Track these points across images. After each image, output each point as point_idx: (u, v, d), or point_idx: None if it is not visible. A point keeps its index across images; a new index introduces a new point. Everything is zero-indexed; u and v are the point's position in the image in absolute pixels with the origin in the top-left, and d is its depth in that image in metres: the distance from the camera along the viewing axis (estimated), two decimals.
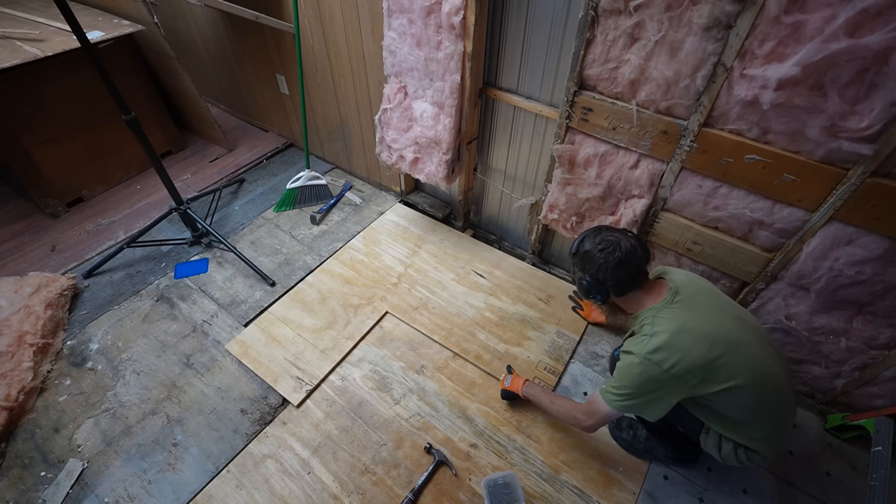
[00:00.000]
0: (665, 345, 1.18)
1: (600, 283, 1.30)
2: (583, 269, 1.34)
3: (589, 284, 1.33)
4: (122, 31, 2.33)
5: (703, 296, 1.29)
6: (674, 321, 1.21)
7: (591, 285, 1.32)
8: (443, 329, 2.00)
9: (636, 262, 1.28)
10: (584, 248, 1.33)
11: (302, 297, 2.13)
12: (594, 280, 1.31)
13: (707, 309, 1.25)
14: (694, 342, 1.18)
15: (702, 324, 1.21)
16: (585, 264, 1.32)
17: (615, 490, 1.55)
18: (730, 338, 1.20)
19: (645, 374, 1.20)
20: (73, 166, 2.51)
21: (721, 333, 1.20)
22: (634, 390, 1.24)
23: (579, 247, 1.35)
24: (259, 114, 3.15)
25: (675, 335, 1.19)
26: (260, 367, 1.85)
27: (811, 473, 1.60)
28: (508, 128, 2.01)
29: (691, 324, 1.20)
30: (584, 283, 1.34)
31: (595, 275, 1.30)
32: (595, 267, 1.29)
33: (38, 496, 1.51)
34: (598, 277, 1.30)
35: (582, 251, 1.33)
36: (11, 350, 1.76)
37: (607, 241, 1.29)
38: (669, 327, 1.20)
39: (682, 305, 1.25)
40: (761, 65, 1.21)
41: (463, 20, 1.63)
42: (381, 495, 1.52)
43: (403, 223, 2.51)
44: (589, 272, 1.31)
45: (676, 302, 1.25)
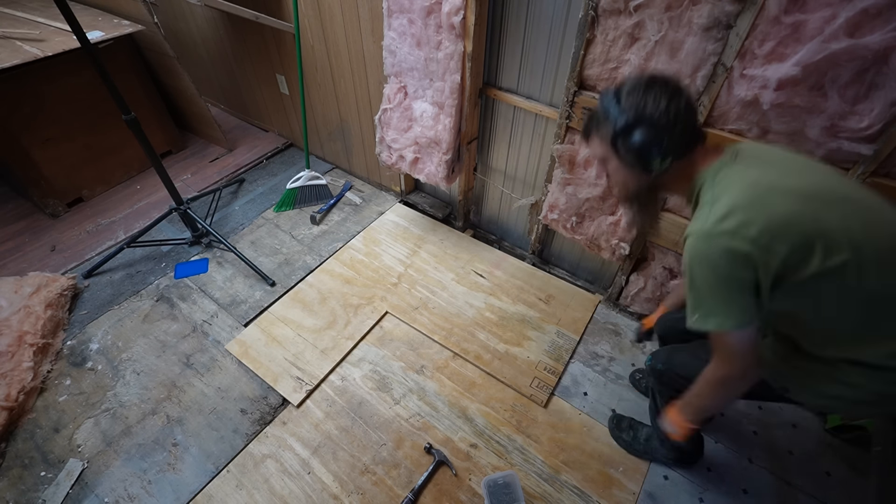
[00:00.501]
0: (736, 206, 0.85)
1: (662, 135, 0.90)
2: (635, 116, 0.91)
3: (644, 140, 0.91)
4: (122, 31, 2.33)
5: (775, 152, 0.96)
6: (743, 177, 0.89)
7: (646, 141, 0.91)
8: (443, 329, 2.00)
9: (695, 110, 0.96)
10: (641, 83, 0.92)
11: (302, 297, 2.13)
12: (653, 130, 0.90)
13: (788, 162, 0.92)
14: (776, 196, 0.84)
15: (782, 177, 0.87)
16: (641, 107, 0.91)
17: (615, 490, 1.55)
18: (831, 194, 0.86)
19: (719, 255, 0.85)
20: (73, 166, 2.51)
21: (812, 188, 0.86)
22: (715, 287, 0.88)
23: (633, 85, 0.93)
24: (259, 114, 3.15)
25: (746, 191, 0.86)
26: (260, 367, 1.85)
27: (811, 473, 1.60)
28: (508, 128, 2.01)
29: (767, 178, 0.87)
30: (634, 140, 0.92)
31: (658, 121, 0.90)
32: (659, 109, 0.89)
33: (38, 496, 1.51)
34: (661, 124, 0.90)
35: (641, 86, 0.92)
36: (11, 350, 1.76)
37: (663, 79, 0.93)
38: (738, 184, 0.88)
39: (750, 162, 0.92)
40: (761, 65, 1.22)
41: (463, 20, 1.63)
42: (381, 495, 1.52)
43: (403, 223, 2.51)
44: (646, 120, 0.90)
45: (740, 160, 0.93)
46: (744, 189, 0.87)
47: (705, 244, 0.86)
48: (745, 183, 0.88)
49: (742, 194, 0.86)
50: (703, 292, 0.90)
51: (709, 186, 0.92)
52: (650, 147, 0.92)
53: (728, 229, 0.84)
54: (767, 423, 1.73)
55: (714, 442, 1.68)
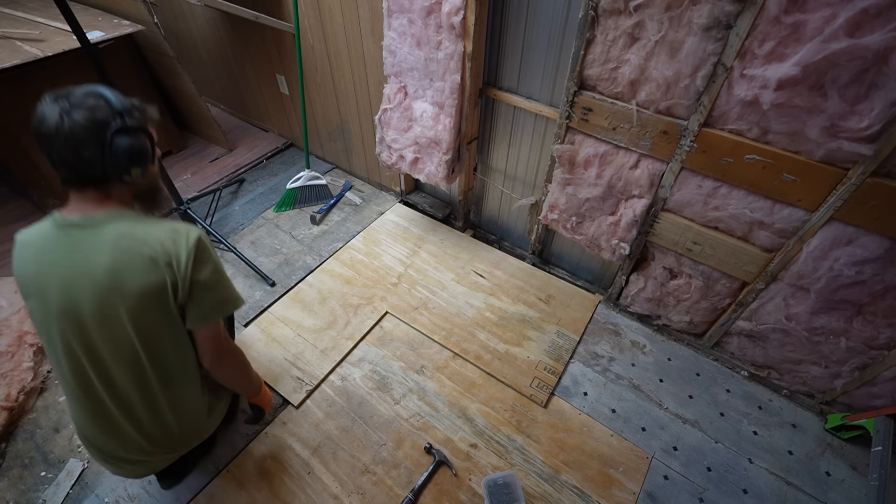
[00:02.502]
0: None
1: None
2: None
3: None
4: (122, 31, 2.33)
5: None
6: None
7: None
8: (443, 329, 2.00)
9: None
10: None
11: (302, 297, 2.13)
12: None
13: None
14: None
15: None
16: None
17: (615, 490, 1.55)
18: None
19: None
20: None
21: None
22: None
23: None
24: (259, 114, 3.15)
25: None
26: (260, 367, 1.84)
27: (811, 473, 1.60)
28: (508, 128, 2.01)
29: None
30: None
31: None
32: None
33: (39, 496, 1.51)
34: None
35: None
36: (11, 350, 1.76)
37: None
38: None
39: None
40: (761, 65, 1.21)
41: (463, 20, 1.63)
42: (381, 495, 1.52)
43: (403, 223, 2.51)
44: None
45: None
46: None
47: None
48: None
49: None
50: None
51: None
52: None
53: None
54: (767, 423, 1.74)
55: (714, 442, 1.68)
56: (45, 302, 1.01)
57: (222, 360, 1.20)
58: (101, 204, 1.02)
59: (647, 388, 1.83)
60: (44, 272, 1.00)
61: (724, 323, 1.80)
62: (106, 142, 0.94)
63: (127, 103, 0.99)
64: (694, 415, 1.75)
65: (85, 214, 1.00)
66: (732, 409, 1.77)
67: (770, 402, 1.81)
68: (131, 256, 0.99)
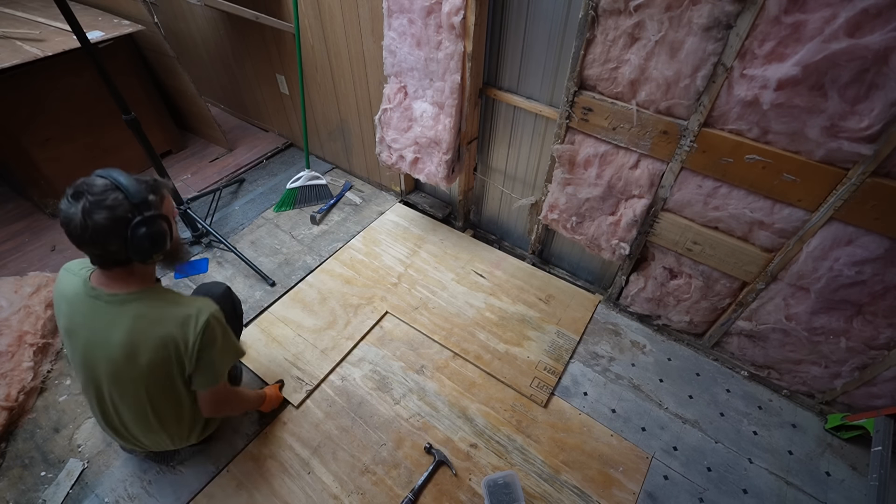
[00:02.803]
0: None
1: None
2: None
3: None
4: (122, 31, 2.33)
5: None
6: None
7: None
8: (443, 329, 1.99)
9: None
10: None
11: (302, 297, 2.13)
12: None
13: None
14: None
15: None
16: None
17: (615, 490, 1.55)
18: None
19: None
20: (73, 166, 2.50)
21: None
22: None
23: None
24: (259, 114, 3.15)
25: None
26: (260, 367, 1.85)
27: (811, 473, 1.60)
28: (508, 128, 2.01)
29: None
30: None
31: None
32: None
33: (39, 496, 1.50)
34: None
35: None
36: (11, 350, 1.76)
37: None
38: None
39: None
40: (761, 65, 1.21)
41: (463, 20, 1.63)
42: (381, 495, 1.52)
43: (403, 223, 2.51)
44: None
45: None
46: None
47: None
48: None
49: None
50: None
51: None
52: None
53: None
54: (767, 423, 1.74)
55: (714, 442, 1.68)
56: (73, 348, 1.18)
57: (220, 411, 1.37)
58: (126, 283, 1.13)
59: (647, 388, 1.83)
60: (73, 327, 1.16)
61: (724, 323, 1.80)
62: (127, 236, 1.03)
63: (144, 193, 1.06)
64: (694, 415, 1.75)
65: (111, 290, 1.12)
66: (732, 409, 1.77)
67: (770, 402, 1.81)
68: (145, 337, 1.12)
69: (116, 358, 1.13)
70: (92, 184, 1.03)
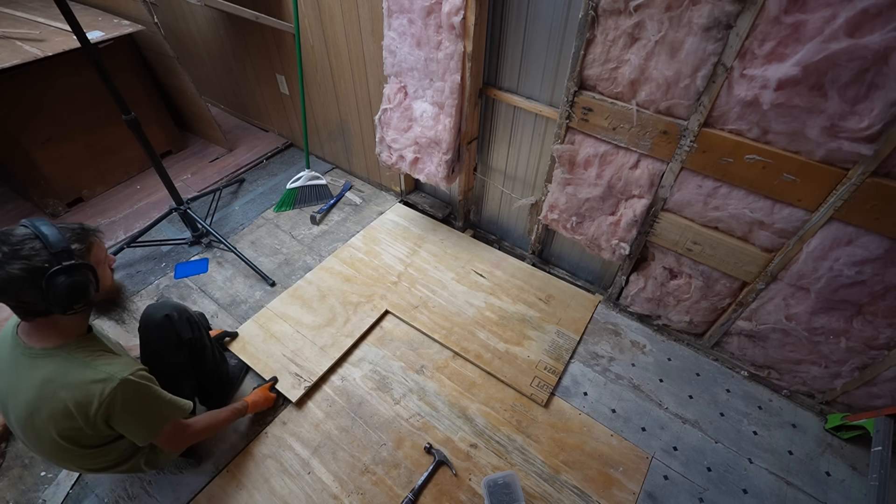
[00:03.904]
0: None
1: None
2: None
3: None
4: (122, 31, 2.33)
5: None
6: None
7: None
8: (443, 328, 2.00)
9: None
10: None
11: (301, 293, 2.13)
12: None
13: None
14: None
15: None
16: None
17: (615, 490, 1.55)
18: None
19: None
20: (73, 166, 2.51)
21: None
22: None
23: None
24: (259, 114, 3.15)
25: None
26: (258, 362, 1.85)
27: (811, 473, 1.60)
28: (508, 128, 2.01)
29: None
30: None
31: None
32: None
33: (39, 496, 1.50)
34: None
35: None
36: None
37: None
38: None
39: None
40: (761, 65, 1.21)
41: (463, 20, 1.63)
42: (381, 495, 1.52)
43: (404, 222, 2.51)
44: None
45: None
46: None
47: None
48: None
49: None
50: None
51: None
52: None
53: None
54: (767, 423, 1.74)
55: (714, 442, 1.68)
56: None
57: (178, 448, 1.34)
58: (45, 336, 1.08)
59: (647, 388, 1.83)
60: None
61: (724, 323, 1.80)
62: (43, 286, 0.99)
63: (65, 242, 1.02)
64: (694, 415, 1.75)
65: (30, 343, 1.08)
66: (732, 409, 1.77)
67: (770, 402, 1.81)
68: (50, 402, 1.06)
69: (22, 417, 1.09)
70: (10, 233, 1.00)
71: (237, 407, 1.54)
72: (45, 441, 1.12)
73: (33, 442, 1.15)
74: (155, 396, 1.18)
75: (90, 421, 1.07)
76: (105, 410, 1.07)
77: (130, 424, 1.14)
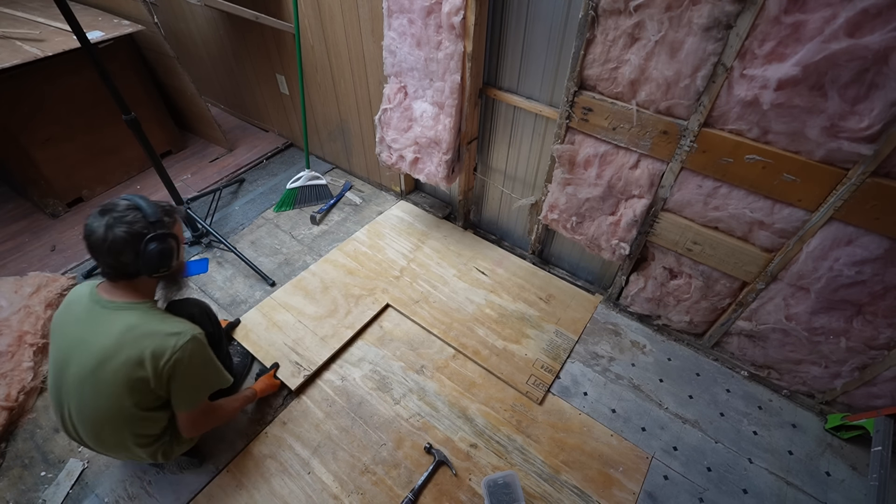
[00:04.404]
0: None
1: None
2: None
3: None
4: (122, 31, 2.33)
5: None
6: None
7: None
8: (442, 323, 2.00)
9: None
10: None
11: (304, 285, 2.14)
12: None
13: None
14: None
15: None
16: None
17: (615, 490, 1.55)
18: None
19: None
20: (73, 166, 2.51)
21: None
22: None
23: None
24: (259, 114, 3.15)
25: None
26: (259, 350, 1.87)
27: (811, 473, 1.60)
28: (508, 128, 2.01)
29: None
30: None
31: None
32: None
33: (39, 496, 1.51)
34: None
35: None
36: (11, 350, 1.76)
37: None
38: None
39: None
40: (761, 65, 1.21)
41: (463, 20, 1.63)
42: (381, 495, 1.52)
43: (408, 218, 2.52)
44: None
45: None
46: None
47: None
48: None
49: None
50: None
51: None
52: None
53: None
54: (767, 423, 1.74)
55: (714, 442, 1.68)
56: (56, 347, 1.23)
57: (199, 430, 1.38)
58: (127, 293, 1.22)
59: (647, 388, 1.83)
60: (64, 326, 1.23)
61: (724, 323, 1.80)
62: (140, 249, 1.15)
63: (159, 213, 1.19)
64: (694, 415, 1.75)
65: (111, 298, 1.21)
66: (732, 409, 1.77)
67: (770, 402, 1.81)
68: (129, 347, 1.16)
69: (91, 367, 1.16)
70: (116, 204, 1.17)
71: (247, 395, 1.59)
72: (104, 395, 1.18)
73: (89, 398, 1.19)
74: (211, 358, 1.30)
75: (158, 372, 1.16)
76: (174, 364, 1.17)
77: (186, 382, 1.22)
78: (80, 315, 1.21)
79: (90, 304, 1.21)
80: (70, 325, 1.21)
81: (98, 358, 1.16)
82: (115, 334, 1.16)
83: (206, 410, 1.34)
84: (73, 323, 1.21)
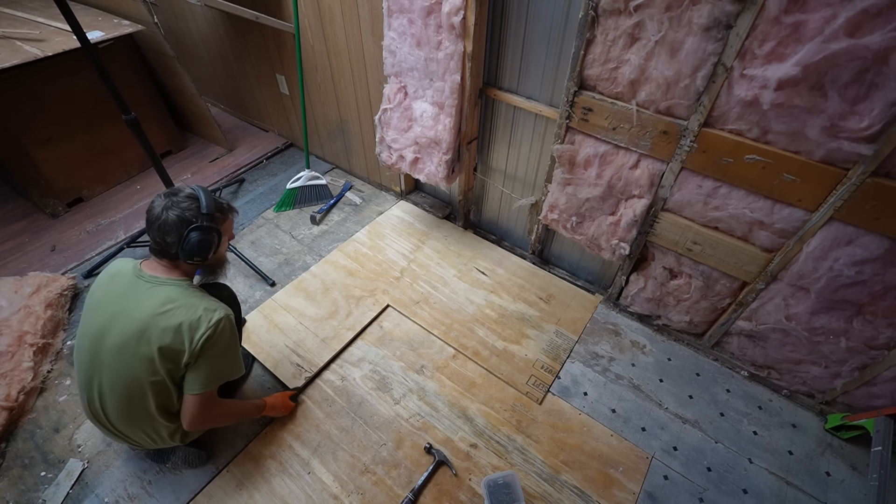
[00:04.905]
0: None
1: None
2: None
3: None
4: (122, 31, 2.33)
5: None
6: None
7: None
8: (442, 324, 2.00)
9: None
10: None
11: (305, 286, 2.14)
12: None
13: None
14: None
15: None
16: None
17: (615, 490, 1.55)
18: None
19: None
20: (73, 166, 2.51)
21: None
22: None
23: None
24: (259, 114, 3.15)
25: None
26: (261, 351, 1.87)
27: (811, 473, 1.60)
28: (508, 128, 2.01)
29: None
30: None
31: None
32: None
33: (39, 496, 1.51)
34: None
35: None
36: (11, 350, 1.76)
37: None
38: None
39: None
40: (761, 65, 1.21)
41: (463, 20, 1.63)
42: (381, 495, 1.52)
43: (409, 218, 2.52)
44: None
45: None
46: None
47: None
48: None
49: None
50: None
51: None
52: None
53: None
54: (767, 423, 1.74)
55: (714, 442, 1.68)
56: (91, 322, 1.28)
57: (203, 423, 1.36)
58: (169, 271, 1.30)
59: (647, 388, 1.83)
60: (105, 299, 1.28)
61: (724, 323, 1.80)
62: (183, 234, 1.23)
63: (213, 208, 1.27)
64: (694, 415, 1.75)
65: (154, 274, 1.29)
66: (732, 409, 1.77)
67: (770, 402, 1.81)
68: (168, 317, 1.22)
69: (130, 334, 1.22)
70: (179, 189, 1.27)
71: (256, 404, 1.57)
72: (141, 362, 1.22)
73: (127, 366, 1.23)
74: (236, 340, 1.35)
75: (192, 344, 1.22)
76: (207, 338, 1.22)
77: (211, 360, 1.26)
78: (122, 289, 1.27)
79: (133, 278, 1.28)
80: (112, 297, 1.27)
81: (139, 326, 1.21)
82: (156, 305, 1.23)
83: (211, 400, 1.34)
84: (116, 296, 1.27)
